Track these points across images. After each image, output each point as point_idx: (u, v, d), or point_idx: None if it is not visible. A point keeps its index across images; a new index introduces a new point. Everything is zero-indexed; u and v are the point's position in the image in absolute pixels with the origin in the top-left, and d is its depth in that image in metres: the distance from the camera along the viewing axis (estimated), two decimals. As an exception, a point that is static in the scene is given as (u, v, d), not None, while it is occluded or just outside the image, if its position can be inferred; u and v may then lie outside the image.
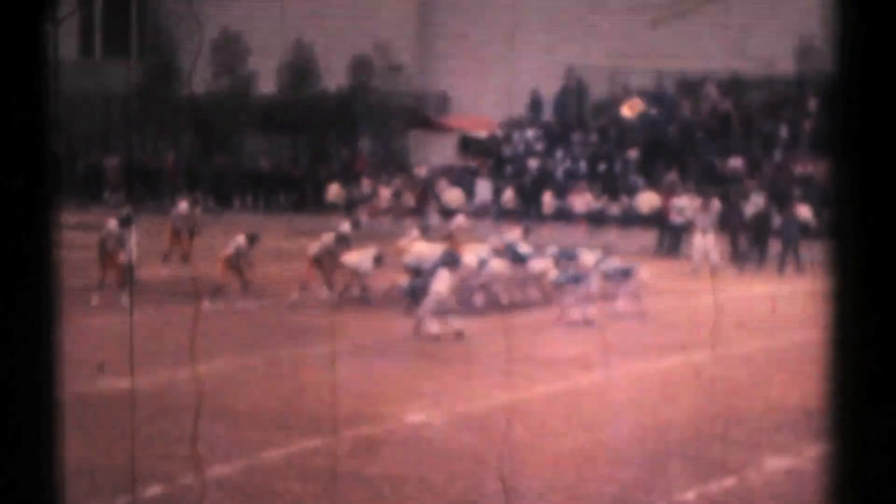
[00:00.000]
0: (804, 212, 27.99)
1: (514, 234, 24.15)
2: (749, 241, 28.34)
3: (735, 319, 19.62)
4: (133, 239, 23.08)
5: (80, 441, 12.62)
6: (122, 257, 21.74)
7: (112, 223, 22.21)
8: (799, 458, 12.40)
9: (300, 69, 40.45)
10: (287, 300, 21.80)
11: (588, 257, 21.74)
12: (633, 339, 18.89)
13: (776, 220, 28.32)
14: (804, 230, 27.02)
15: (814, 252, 24.37)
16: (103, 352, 16.59)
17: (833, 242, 1.93)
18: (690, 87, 37.14)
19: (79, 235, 24.14)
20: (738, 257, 27.96)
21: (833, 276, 1.89)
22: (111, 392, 15.01)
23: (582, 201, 32.20)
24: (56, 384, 2.33)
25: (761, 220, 28.57)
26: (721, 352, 18.03)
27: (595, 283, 20.65)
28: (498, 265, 21.56)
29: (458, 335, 18.90)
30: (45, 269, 2.29)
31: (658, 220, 30.61)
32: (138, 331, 18.76)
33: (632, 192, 32.72)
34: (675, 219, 29.36)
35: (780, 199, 29.19)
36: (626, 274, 21.22)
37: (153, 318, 19.21)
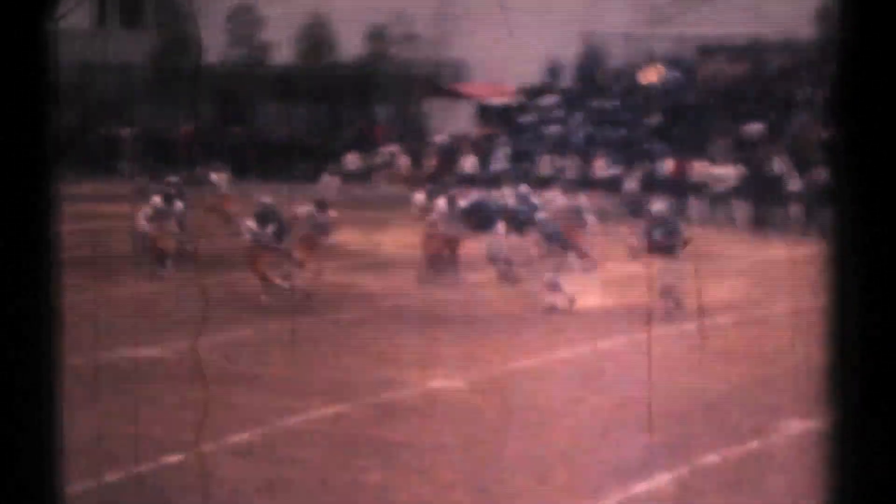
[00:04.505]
0: (825, 176, 27.84)
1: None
2: (768, 206, 28.28)
3: (756, 283, 19.56)
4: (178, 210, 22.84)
5: (103, 408, 12.61)
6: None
7: (156, 199, 21.79)
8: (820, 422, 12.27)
9: (316, 39, 40.32)
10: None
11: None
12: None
13: (798, 184, 28.20)
14: (826, 194, 26.86)
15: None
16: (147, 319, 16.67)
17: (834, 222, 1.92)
18: (710, 52, 36.95)
19: (95, 206, 24.14)
20: (759, 221, 27.90)
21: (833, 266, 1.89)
22: (138, 360, 15.02)
23: (601, 167, 32.08)
24: (56, 362, 2.29)
25: (780, 184, 28.49)
26: (743, 315, 17.96)
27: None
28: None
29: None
30: (46, 256, 2.25)
31: (677, 186, 30.47)
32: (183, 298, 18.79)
33: (653, 158, 32.59)
34: (717, 187, 29.03)
35: (802, 163, 29.03)
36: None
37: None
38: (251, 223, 19.60)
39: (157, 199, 21.62)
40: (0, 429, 2.29)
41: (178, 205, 21.98)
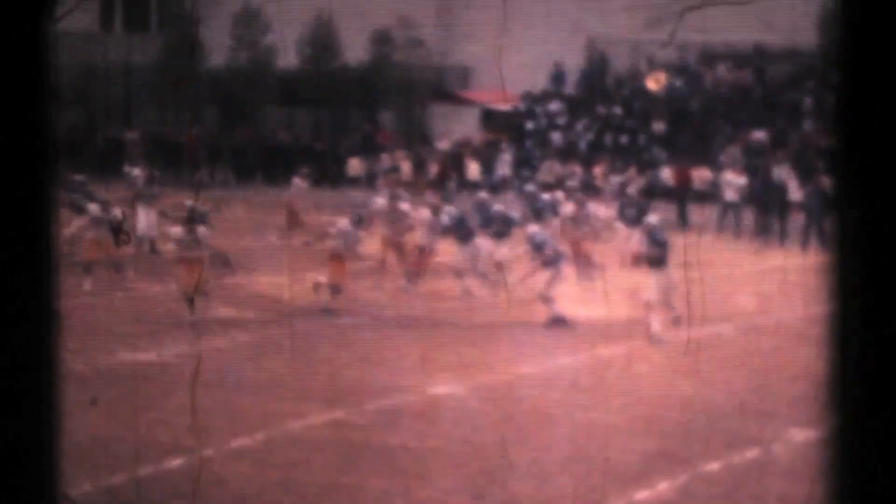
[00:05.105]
0: (828, 184, 27.79)
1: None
2: (771, 214, 28.24)
3: (752, 293, 19.53)
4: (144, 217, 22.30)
5: (105, 413, 12.61)
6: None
7: (93, 206, 20.80)
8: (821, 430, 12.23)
9: (321, 43, 40.32)
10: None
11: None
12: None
13: (800, 193, 28.17)
14: (828, 203, 26.82)
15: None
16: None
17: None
18: (713, 59, 36.95)
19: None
20: (761, 231, 27.85)
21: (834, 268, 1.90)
22: (132, 364, 15.00)
23: (603, 174, 32.07)
24: (56, 362, 2.30)
25: (781, 192, 28.48)
26: (739, 325, 17.94)
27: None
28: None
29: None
30: (45, 256, 2.27)
31: (679, 193, 30.48)
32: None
33: (655, 164, 32.60)
34: (730, 196, 28.98)
35: (805, 171, 29.00)
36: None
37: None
38: (177, 229, 18.39)
39: (93, 207, 20.66)
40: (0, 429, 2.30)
41: (117, 212, 21.25)
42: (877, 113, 1.89)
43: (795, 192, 28.33)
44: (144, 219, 22.75)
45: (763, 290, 19.66)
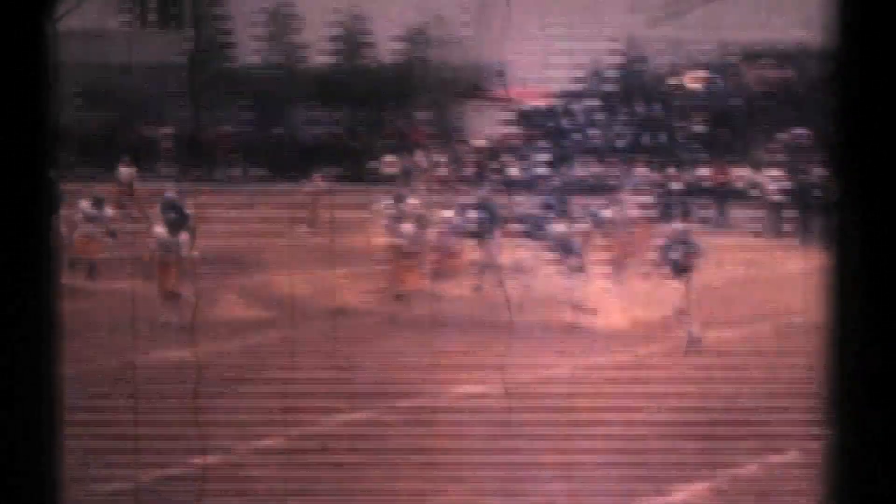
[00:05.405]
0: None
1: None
2: (811, 213, 28.09)
3: (790, 292, 19.39)
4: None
5: (131, 411, 12.59)
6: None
7: (84, 203, 20.33)
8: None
9: (355, 40, 40.34)
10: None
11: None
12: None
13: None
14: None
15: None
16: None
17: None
18: (753, 58, 36.77)
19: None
20: (801, 229, 27.72)
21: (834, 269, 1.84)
22: (162, 363, 15.00)
23: (641, 173, 31.96)
24: (55, 359, 2.24)
25: (822, 191, 28.33)
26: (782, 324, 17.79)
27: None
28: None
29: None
30: (45, 256, 2.22)
31: (719, 193, 30.37)
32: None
33: (694, 163, 32.44)
34: (770, 195, 28.84)
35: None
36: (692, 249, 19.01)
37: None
38: (160, 229, 18.09)
39: (85, 204, 20.23)
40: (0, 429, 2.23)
41: (108, 209, 20.69)
42: (877, 113, 1.83)
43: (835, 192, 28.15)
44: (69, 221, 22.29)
45: (802, 290, 19.49)
